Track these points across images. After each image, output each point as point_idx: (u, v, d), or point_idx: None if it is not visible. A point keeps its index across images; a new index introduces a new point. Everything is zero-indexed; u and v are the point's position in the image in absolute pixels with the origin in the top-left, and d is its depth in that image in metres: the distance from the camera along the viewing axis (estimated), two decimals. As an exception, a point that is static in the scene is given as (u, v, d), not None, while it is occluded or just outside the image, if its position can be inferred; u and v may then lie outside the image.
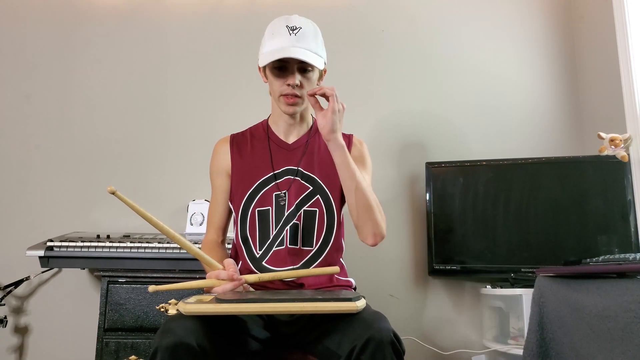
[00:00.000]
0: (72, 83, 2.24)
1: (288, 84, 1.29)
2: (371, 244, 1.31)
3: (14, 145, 2.19)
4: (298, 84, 1.29)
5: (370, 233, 1.29)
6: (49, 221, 2.10)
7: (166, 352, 0.96)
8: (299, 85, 1.29)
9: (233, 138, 1.43)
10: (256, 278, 1.19)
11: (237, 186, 1.36)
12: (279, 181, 1.34)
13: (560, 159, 2.03)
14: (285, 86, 1.30)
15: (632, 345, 1.06)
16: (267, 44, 1.31)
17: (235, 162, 1.38)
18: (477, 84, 2.34)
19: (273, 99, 1.38)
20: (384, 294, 2.15)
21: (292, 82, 1.29)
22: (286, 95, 1.31)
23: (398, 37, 2.36)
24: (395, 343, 0.99)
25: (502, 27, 2.40)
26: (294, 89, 1.30)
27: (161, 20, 2.32)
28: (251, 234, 1.33)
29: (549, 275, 1.41)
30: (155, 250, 1.73)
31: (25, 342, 2.05)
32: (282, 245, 1.30)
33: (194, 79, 2.28)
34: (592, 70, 2.26)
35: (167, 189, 2.17)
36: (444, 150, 2.24)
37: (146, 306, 1.72)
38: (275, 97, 1.35)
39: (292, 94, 1.30)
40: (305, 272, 1.23)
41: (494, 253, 2.00)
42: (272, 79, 1.33)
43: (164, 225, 1.09)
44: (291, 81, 1.29)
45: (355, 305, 1.03)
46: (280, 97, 1.32)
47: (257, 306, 1.03)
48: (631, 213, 1.89)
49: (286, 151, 1.38)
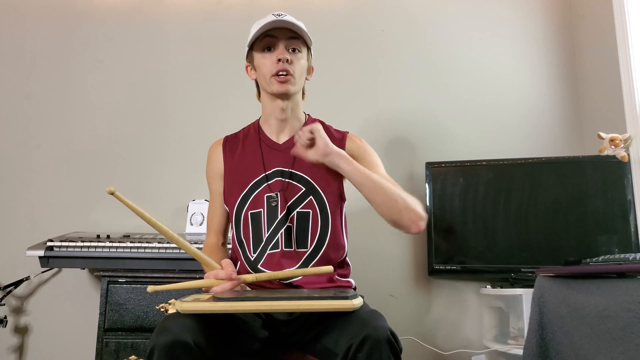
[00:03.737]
0: (72, 83, 2.24)
1: (278, 60, 1.29)
2: (415, 231, 1.25)
3: (14, 145, 2.19)
4: (288, 58, 1.29)
5: (409, 222, 1.23)
6: (49, 221, 2.10)
7: (163, 351, 0.96)
8: (289, 60, 1.29)
9: (226, 140, 1.42)
10: (253, 278, 1.19)
11: (231, 189, 1.36)
12: (270, 182, 1.33)
13: (560, 159, 2.03)
14: (275, 63, 1.29)
15: (632, 345, 1.06)
16: (253, 31, 1.33)
17: (228, 165, 1.38)
18: (477, 84, 2.34)
19: (263, 87, 1.36)
20: (383, 293, 2.15)
21: (282, 56, 1.28)
22: (277, 74, 1.30)
23: (398, 36, 2.36)
24: (392, 341, 0.99)
25: (502, 27, 2.40)
26: (285, 64, 1.29)
27: (161, 20, 2.32)
28: (245, 236, 1.32)
29: (549, 275, 1.41)
30: (155, 250, 1.73)
31: (25, 342, 2.05)
32: (277, 249, 1.29)
33: (194, 78, 2.28)
34: (592, 70, 2.26)
35: (167, 189, 2.17)
36: (444, 150, 2.24)
37: (146, 306, 1.72)
38: (266, 81, 1.33)
39: (283, 69, 1.29)
40: (300, 271, 1.23)
41: (494, 253, 2.00)
42: (261, 61, 1.33)
43: (163, 226, 1.08)
44: (281, 55, 1.29)
45: (352, 303, 1.02)
46: (272, 77, 1.31)
47: (254, 305, 1.02)
48: (631, 213, 1.89)
49: (277, 152, 1.37)
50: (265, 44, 1.33)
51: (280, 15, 1.31)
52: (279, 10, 1.36)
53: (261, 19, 1.34)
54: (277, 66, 1.29)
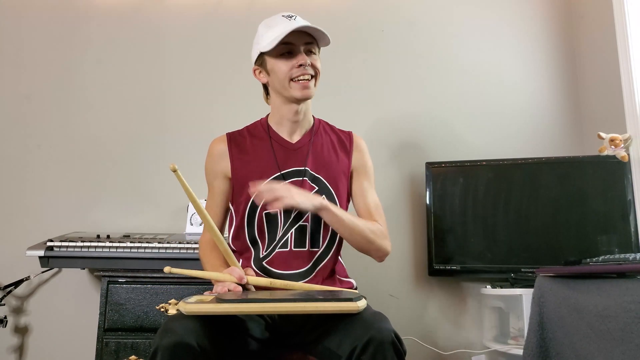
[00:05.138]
0: (72, 83, 2.24)
1: (300, 65, 1.27)
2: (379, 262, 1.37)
3: (14, 146, 2.18)
4: (309, 63, 1.28)
5: (376, 257, 1.35)
6: (49, 221, 2.10)
7: (166, 352, 0.96)
8: (309, 64, 1.28)
9: (230, 138, 1.39)
10: (267, 282, 1.20)
11: (242, 188, 1.32)
12: (287, 182, 1.31)
13: (560, 159, 2.03)
14: (296, 68, 1.27)
15: (632, 345, 1.06)
16: (266, 36, 1.30)
17: (236, 164, 1.35)
18: (477, 84, 2.34)
19: (281, 91, 1.32)
20: (384, 294, 2.15)
21: (303, 61, 1.27)
22: (297, 78, 1.28)
23: (398, 37, 2.36)
24: (397, 343, 0.99)
25: (502, 27, 2.39)
26: (306, 68, 1.28)
27: (161, 21, 2.31)
28: (260, 236, 1.31)
29: (549, 275, 1.41)
30: (155, 250, 1.73)
31: (25, 342, 2.05)
32: (286, 248, 1.29)
33: (195, 79, 2.28)
34: (592, 70, 2.26)
35: (167, 189, 2.16)
36: (444, 150, 2.24)
37: (146, 306, 1.72)
38: (283, 85, 1.30)
39: (304, 73, 1.28)
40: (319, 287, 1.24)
41: (494, 253, 2.00)
42: (279, 66, 1.29)
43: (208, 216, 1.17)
44: (302, 60, 1.27)
45: (357, 305, 1.02)
46: (291, 82, 1.29)
47: (257, 306, 1.03)
48: (631, 213, 1.89)
49: (291, 151, 1.36)
50: (285, 49, 1.29)
51: (291, 17, 1.29)
52: (279, 11, 1.33)
53: (269, 21, 1.32)
54: (299, 70, 1.28)
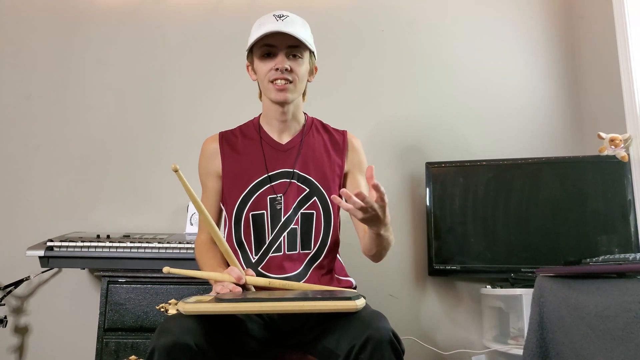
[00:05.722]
0: (72, 83, 2.24)
1: (276, 68, 1.27)
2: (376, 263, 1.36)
3: (13, 146, 2.18)
4: (287, 67, 1.27)
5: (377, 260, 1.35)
6: (49, 221, 2.10)
7: (163, 352, 0.96)
8: (288, 69, 1.27)
9: (222, 137, 1.39)
10: (265, 282, 1.20)
11: (231, 188, 1.33)
12: (274, 183, 1.31)
13: (560, 159, 2.03)
14: (274, 71, 1.27)
15: (632, 345, 1.06)
16: (254, 34, 1.30)
17: (227, 163, 1.35)
18: (477, 84, 2.33)
19: (263, 91, 1.35)
20: (383, 293, 2.14)
21: (280, 65, 1.26)
22: (274, 81, 1.28)
23: (398, 37, 2.36)
24: (395, 342, 0.99)
25: (502, 27, 2.39)
26: (283, 72, 1.27)
27: (161, 20, 2.31)
28: (246, 238, 1.31)
29: (549, 275, 1.41)
30: (155, 250, 1.73)
31: (25, 342, 2.05)
32: (279, 252, 1.29)
33: (194, 78, 2.28)
34: (592, 70, 2.26)
35: (167, 189, 2.16)
36: (444, 150, 2.24)
37: (146, 306, 1.71)
38: (264, 86, 1.31)
39: (281, 77, 1.27)
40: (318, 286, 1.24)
41: (494, 253, 2.00)
42: (260, 66, 1.30)
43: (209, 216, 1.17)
44: (279, 64, 1.27)
45: (355, 304, 1.02)
46: (269, 84, 1.29)
47: (256, 305, 1.03)
48: (631, 213, 1.89)
49: (280, 152, 1.35)
50: (265, 50, 1.29)
51: (281, 17, 1.28)
52: (279, 10, 1.32)
53: (262, 19, 1.32)
54: (275, 74, 1.27)
